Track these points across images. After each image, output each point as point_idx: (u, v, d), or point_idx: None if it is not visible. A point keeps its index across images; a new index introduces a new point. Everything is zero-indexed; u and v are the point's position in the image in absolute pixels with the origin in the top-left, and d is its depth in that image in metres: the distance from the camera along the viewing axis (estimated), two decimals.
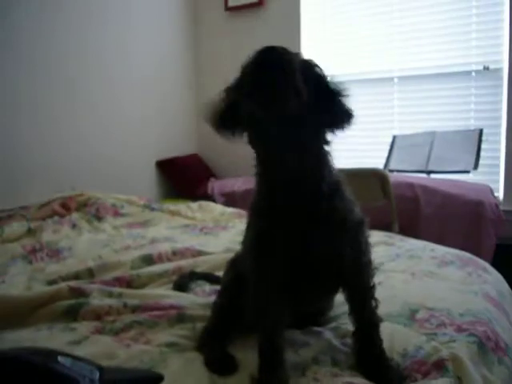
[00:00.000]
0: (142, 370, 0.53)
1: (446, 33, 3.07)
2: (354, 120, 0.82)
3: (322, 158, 0.84)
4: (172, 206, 2.23)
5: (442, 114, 3.15)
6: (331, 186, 0.84)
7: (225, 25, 3.81)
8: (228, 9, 3.71)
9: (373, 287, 0.92)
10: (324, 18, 3.50)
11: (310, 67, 0.80)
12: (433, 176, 2.90)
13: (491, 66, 2.92)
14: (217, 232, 1.80)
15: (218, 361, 0.89)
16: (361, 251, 0.90)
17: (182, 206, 2.20)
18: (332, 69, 0.88)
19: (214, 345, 0.93)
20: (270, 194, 0.84)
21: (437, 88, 3.15)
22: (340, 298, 0.99)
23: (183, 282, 1.29)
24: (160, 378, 0.53)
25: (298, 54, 0.78)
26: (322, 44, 3.49)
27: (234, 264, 1.04)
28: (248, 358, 0.87)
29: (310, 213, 0.83)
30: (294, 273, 0.84)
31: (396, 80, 3.27)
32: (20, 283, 1.33)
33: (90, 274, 1.40)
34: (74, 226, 2.00)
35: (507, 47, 2.81)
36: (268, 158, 0.82)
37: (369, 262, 0.92)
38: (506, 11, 2.80)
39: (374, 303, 0.91)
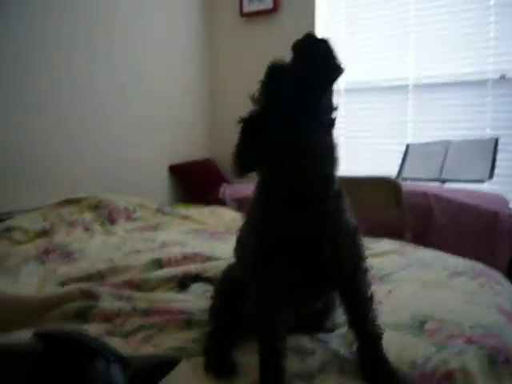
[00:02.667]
0: (159, 356, 0.54)
1: (462, 41, 3.04)
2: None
3: (331, 153, 0.83)
4: (184, 210, 2.23)
5: (456, 122, 3.12)
6: (337, 190, 0.85)
7: (240, 30, 3.82)
8: (243, 15, 3.73)
9: (371, 298, 0.92)
10: (339, 24, 3.50)
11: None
12: (447, 185, 2.87)
13: (508, 75, 2.89)
14: (227, 238, 1.80)
15: (217, 364, 0.90)
16: (360, 256, 0.90)
17: (194, 211, 2.20)
18: (346, 76, 0.89)
19: (215, 349, 0.94)
20: (276, 196, 0.83)
21: (452, 97, 3.12)
22: None
23: (186, 281, 1.31)
24: (178, 360, 0.55)
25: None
26: (337, 51, 3.49)
27: (227, 270, 1.07)
28: (254, 362, 0.87)
29: (318, 215, 0.83)
30: (298, 277, 0.84)
31: (411, 88, 3.25)
32: (32, 284, 1.35)
33: (100, 276, 1.41)
34: (86, 228, 2.02)
35: None
36: (292, 160, 0.79)
37: (366, 270, 0.92)
38: None
39: (373, 314, 0.91)
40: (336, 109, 0.84)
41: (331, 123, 0.83)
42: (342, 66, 0.82)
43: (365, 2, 3.39)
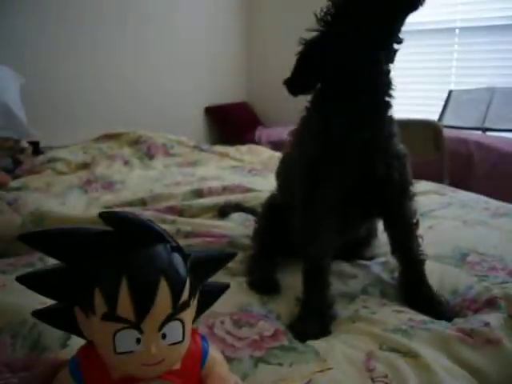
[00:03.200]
0: (215, 250, 0.56)
1: None
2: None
3: (391, 82, 0.85)
4: (221, 148, 2.25)
5: (503, 69, 2.98)
6: (390, 116, 0.87)
7: None
8: None
9: (416, 224, 0.92)
10: None
11: None
12: (489, 134, 2.78)
13: None
14: (265, 174, 1.81)
15: (260, 281, 0.93)
16: (408, 180, 0.90)
17: (231, 149, 2.21)
18: None
19: (258, 269, 0.97)
20: (333, 116, 0.84)
21: (499, 41, 2.97)
22: None
23: (227, 209, 1.33)
24: (233, 254, 0.57)
25: None
26: None
27: (270, 197, 1.11)
28: (295, 281, 0.89)
29: (374, 134, 0.84)
30: (348, 196, 0.85)
31: (457, 31, 3.10)
32: (78, 207, 1.40)
33: (142, 203, 1.44)
34: (126, 162, 2.06)
35: None
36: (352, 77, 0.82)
37: (413, 195, 0.92)
38: None
39: (417, 240, 0.92)
40: (401, 42, 0.85)
41: (394, 53, 0.85)
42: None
43: None
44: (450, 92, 3.04)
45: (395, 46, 0.84)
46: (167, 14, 3.15)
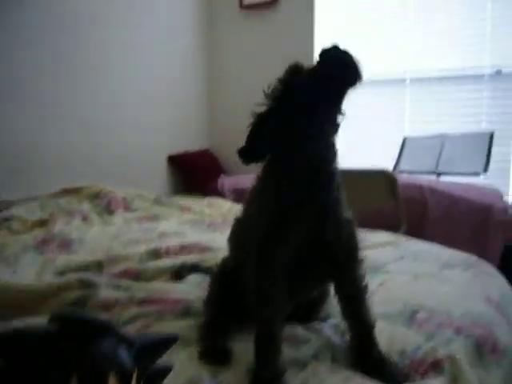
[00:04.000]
0: (158, 334, 0.58)
1: (459, 35, 3.07)
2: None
3: (336, 153, 0.89)
4: (181, 201, 2.26)
5: (453, 116, 3.15)
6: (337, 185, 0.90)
7: (239, 23, 3.82)
8: (243, 7, 3.73)
9: (365, 288, 0.95)
10: (338, 17, 3.51)
11: None
12: (442, 178, 2.90)
13: (504, 70, 2.92)
14: (224, 229, 1.82)
15: (211, 351, 0.93)
16: (356, 246, 0.93)
17: (192, 202, 2.23)
18: None
19: (209, 338, 0.97)
20: (283, 185, 0.87)
21: (449, 91, 3.15)
22: None
23: (183, 271, 1.34)
24: (176, 338, 0.58)
25: None
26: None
27: (222, 262, 1.11)
28: (248, 349, 0.90)
29: (322, 203, 0.87)
30: (300, 260, 0.87)
31: (408, 82, 3.27)
32: (31, 274, 1.37)
33: (99, 266, 1.43)
34: (84, 218, 2.04)
35: None
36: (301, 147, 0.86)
37: (361, 260, 0.95)
38: None
39: (367, 304, 0.94)
40: (344, 114, 0.89)
41: (337, 127, 0.89)
42: (361, 75, 0.86)
43: None
44: (405, 139, 3.17)
45: (339, 118, 0.89)
46: (129, 63, 3.20)
